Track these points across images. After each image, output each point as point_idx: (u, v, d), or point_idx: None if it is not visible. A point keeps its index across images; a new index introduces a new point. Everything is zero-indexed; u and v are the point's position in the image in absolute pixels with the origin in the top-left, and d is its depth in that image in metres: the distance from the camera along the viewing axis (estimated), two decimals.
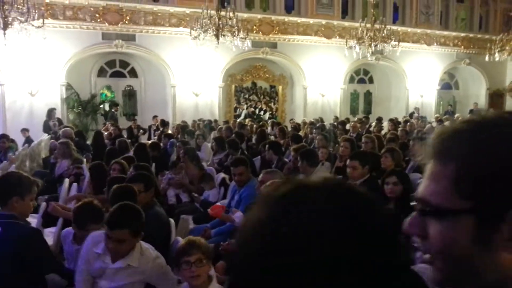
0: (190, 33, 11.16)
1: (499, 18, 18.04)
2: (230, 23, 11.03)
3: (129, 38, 12.60)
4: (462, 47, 17.50)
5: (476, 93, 18.77)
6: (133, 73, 14.11)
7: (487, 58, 14.51)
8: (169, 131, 10.60)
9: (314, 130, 9.12)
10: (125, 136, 9.79)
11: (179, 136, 9.29)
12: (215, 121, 12.64)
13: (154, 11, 12.72)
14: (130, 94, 14.36)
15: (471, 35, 17.71)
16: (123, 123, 12.80)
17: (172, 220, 3.53)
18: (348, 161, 4.21)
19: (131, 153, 6.49)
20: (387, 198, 3.29)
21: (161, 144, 8.28)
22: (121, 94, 14.28)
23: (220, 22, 10.96)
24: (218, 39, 10.90)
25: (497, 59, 16.24)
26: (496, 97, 18.63)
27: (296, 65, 15.04)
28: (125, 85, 14.25)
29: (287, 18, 14.62)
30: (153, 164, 6.02)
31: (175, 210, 4.96)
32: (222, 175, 5.50)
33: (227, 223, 3.87)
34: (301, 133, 10.14)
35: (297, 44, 14.85)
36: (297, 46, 14.86)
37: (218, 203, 4.29)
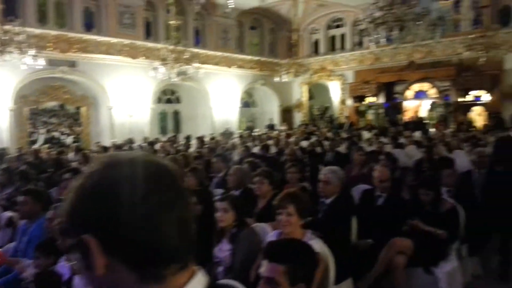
0: None
1: (284, 45, 20.90)
2: (17, 39, 9.84)
3: None
4: (257, 69, 19.58)
5: (271, 110, 21.19)
6: None
7: (276, 79, 16.59)
8: None
9: None
10: None
11: None
12: (3, 149, 11.01)
13: None
14: None
15: (263, 58, 19.98)
16: None
17: None
18: None
19: None
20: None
21: None
22: None
23: (4, 37, 9.68)
24: (2, 55, 9.59)
25: (284, 80, 18.75)
26: (286, 112, 21.41)
27: (99, 85, 14.32)
28: None
29: (85, 36, 13.84)
30: None
31: None
32: (8, 213, 4.77)
33: (15, 270, 3.37)
34: None
35: (100, 63, 14.18)
36: (100, 66, 14.19)
37: None
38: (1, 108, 12.13)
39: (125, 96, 14.75)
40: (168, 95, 18.02)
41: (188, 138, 12.87)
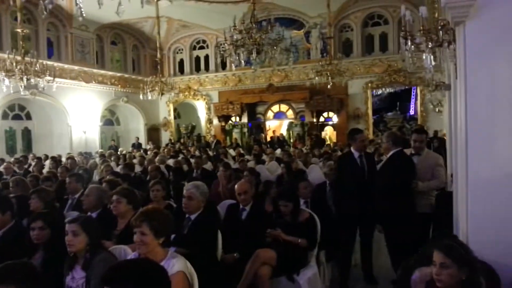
0: None
1: (148, 62, 20.46)
2: None
3: None
4: (119, 86, 18.73)
5: (136, 128, 20.40)
6: None
7: (141, 97, 16.01)
8: None
9: None
10: None
11: None
12: None
13: None
14: None
15: (126, 75, 19.24)
16: None
17: None
18: None
19: None
20: (34, 245, 2.99)
21: None
22: None
23: None
24: None
25: (149, 98, 18.26)
26: (153, 131, 20.87)
27: None
28: None
29: None
30: None
31: None
32: None
33: None
34: None
35: None
36: None
37: None
38: None
39: None
40: (15, 111, 16.01)
41: (39, 158, 11.53)
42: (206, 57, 20.82)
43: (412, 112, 28.50)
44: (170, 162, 9.84)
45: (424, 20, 3.43)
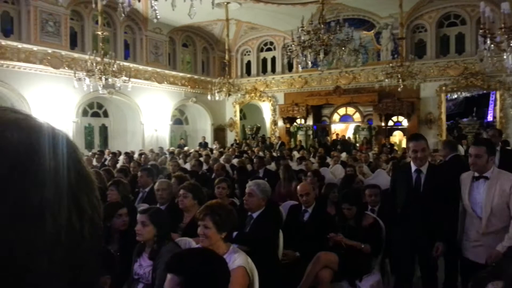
0: None
1: (217, 64, 21.02)
2: None
3: None
4: (189, 86, 19.42)
5: (203, 128, 21.03)
6: None
7: (209, 98, 16.52)
8: None
9: None
10: None
11: None
12: None
13: None
14: None
15: (195, 76, 19.89)
16: None
17: None
18: None
19: None
20: (108, 232, 3.18)
21: None
22: None
23: None
24: None
25: (217, 98, 18.77)
26: (219, 131, 21.38)
27: (17, 94, 13.31)
28: None
29: (4, 42, 12.87)
30: None
31: None
32: None
33: None
34: None
35: (19, 71, 13.24)
36: (19, 74, 13.23)
37: None
38: None
39: (46, 107, 13.82)
40: (95, 109, 17.20)
41: (114, 153, 12.28)
42: (273, 59, 20.95)
43: (490, 118, 26.59)
44: (235, 161, 10.03)
45: (506, 17, 3.18)
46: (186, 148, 16.20)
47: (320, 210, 4.36)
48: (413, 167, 3.80)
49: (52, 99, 13.96)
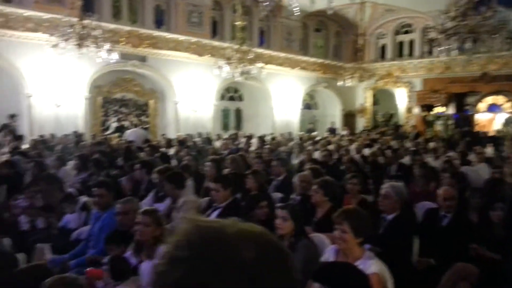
0: (49, 40, 10.30)
1: (349, 48, 20.51)
2: (94, 33, 10.47)
3: None
4: (320, 72, 19.38)
5: (332, 113, 20.89)
6: None
7: (340, 83, 16.35)
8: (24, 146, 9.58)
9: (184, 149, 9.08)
10: None
11: (35, 152, 8.38)
12: (80, 135, 11.82)
13: (4, 13, 11.39)
14: None
15: (327, 61, 19.73)
16: None
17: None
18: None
19: None
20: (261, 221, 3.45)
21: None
22: None
23: (83, 32, 10.33)
24: (80, 48, 10.25)
25: (348, 84, 18.43)
26: (349, 117, 21.01)
27: (166, 80, 14.91)
28: None
29: (156, 33, 14.44)
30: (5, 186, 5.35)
31: (29, 238, 4.47)
32: (84, 198, 5.12)
33: (87, 253, 3.64)
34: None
35: (168, 59, 14.77)
36: (168, 61, 14.78)
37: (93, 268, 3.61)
38: (78, 96, 13.00)
39: (190, 91, 15.24)
40: (231, 93, 18.36)
41: (249, 137, 13.03)
42: (411, 42, 19.63)
43: None
44: (366, 151, 9.76)
45: None
46: (314, 133, 16.32)
47: (462, 216, 4.07)
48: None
49: (195, 84, 15.32)
